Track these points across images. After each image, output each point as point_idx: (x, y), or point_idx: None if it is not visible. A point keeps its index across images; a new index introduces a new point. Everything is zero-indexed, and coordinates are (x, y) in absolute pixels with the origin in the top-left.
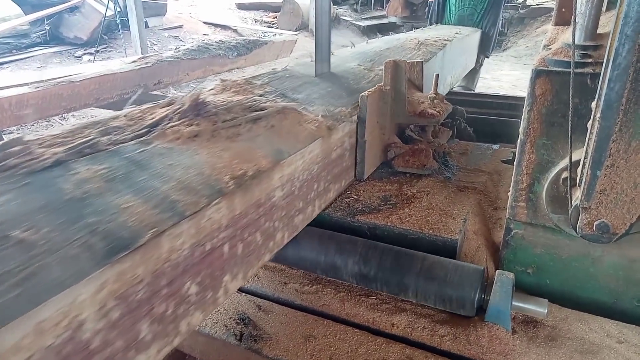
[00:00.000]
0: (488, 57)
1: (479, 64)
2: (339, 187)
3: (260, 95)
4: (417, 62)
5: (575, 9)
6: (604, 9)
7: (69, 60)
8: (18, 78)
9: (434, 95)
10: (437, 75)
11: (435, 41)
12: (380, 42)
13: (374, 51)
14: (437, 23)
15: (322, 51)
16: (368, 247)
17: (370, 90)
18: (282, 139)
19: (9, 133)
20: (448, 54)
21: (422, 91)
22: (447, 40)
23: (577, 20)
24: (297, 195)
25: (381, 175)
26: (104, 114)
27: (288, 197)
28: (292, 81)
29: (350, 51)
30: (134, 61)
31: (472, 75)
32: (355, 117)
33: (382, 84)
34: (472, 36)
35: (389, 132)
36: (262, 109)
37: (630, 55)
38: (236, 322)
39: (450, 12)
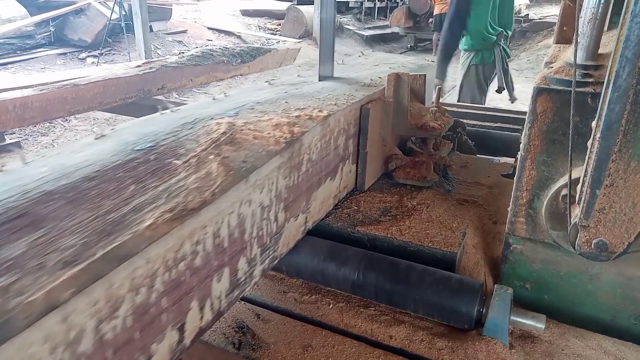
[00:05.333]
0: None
1: None
2: None
3: None
4: (420, 74)
5: (577, 28)
6: (605, 28)
7: (72, 63)
8: (20, 80)
9: (436, 108)
10: (439, 89)
11: (268, 135)
12: (128, 135)
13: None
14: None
15: (326, 54)
16: (367, 258)
17: (372, 101)
18: None
19: (11, 133)
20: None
21: (424, 103)
22: (301, 132)
23: (578, 40)
24: None
25: (382, 187)
26: (107, 117)
27: None
28: None
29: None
30: (138, 66)
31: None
32: None
33: (384, 95)
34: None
35: (391, 144)
36: None
37: (630, 78)
38: (235, 331)
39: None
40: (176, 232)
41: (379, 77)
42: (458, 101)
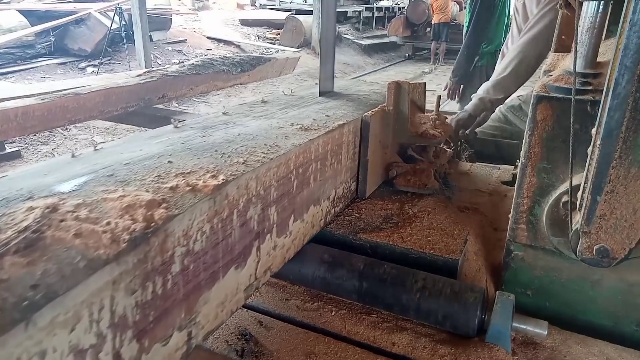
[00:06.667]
0: None
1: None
2: None
3: None
4: (419, 83)
5: (576, 37)
6: (603, 37)
7: (72, 72)
8: (20, 89)
9: (436, 116)
10: (439, 97)
11: (104, 228)
12: None
13: None
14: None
15: (326, 70)
16: (369, 265)
17: (373, 110)
18: None
19: (11, 142)
20: None
21: (424, 112)
22: (166, 217)
23: (577, 49)
24: None
25: (383, 194)
26: (107, 126)
27: None
28: None
29: None
30: (139, 75)
31: None
32: None
33: (385, 104)
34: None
35: (391, 152)
36: None
37: (629, 86)
38: (237, 338)
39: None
40: None
41: (326, 116)
42: (461, 99)
